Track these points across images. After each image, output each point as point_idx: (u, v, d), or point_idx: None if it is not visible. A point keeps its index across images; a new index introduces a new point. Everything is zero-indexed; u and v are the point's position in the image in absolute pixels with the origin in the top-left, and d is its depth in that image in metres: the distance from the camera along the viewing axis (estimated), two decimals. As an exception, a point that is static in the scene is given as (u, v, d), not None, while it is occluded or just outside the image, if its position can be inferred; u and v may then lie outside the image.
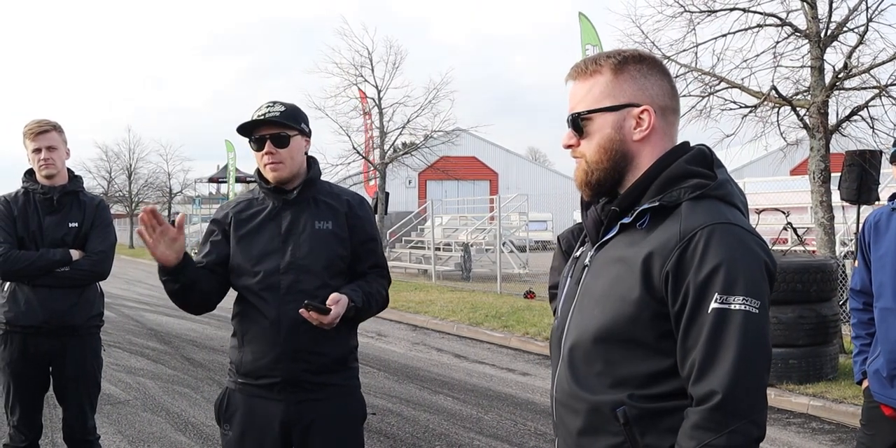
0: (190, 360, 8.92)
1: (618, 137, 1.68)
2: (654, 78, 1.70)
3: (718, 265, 1.51)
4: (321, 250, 2.71)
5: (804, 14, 8.66)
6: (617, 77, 1.69)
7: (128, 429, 5.97)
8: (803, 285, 6.84)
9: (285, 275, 2.67)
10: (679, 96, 1.76)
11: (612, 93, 1.68)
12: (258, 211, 2.78)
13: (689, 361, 1.54)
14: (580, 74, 1.73)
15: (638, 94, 1.68)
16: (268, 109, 2.71)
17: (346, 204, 2.83)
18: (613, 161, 1.69)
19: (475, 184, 40.57)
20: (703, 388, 1.50)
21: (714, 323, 1.51)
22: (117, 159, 41.64)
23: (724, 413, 1.48)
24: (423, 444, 5.66)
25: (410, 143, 21.61)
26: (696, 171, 1.65)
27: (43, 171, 3.85)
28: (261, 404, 2.70)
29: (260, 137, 2.71)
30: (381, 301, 2.85)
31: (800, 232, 11.12)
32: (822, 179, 8.60)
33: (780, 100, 8.73)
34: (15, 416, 3.88)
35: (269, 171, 2.72)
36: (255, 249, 2.72)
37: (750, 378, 1.50)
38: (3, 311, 3.84)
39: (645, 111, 1.67)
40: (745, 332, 1.50)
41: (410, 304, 13.39)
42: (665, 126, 1.70)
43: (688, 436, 1.51)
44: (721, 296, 1.51)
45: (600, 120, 1.69)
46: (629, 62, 1.69)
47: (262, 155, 2.71)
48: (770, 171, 15.36)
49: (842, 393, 6.55)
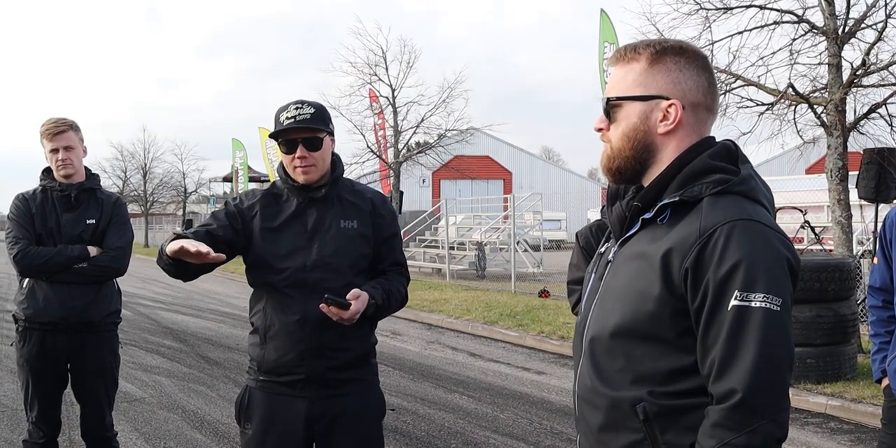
0: (205, 358, 8.95)
1: (643, 128, 1.66)
2: (690, 72, 1.66)
3: (738, 262, 1.49)
4: (347, 249, 2.71)
5: (821, 11, 8.58)
6: (652, 67, 1.66)
7: (144, 426, 6.00)
8: (821, 284, 6.79)
9: (312, 272, 2.66)
10: (716, 93, 1.71)
11: (644, 82, 1.66)
12: (283, 207, 2.76)
13: (709, 359, 1.52)
14: (619, 60, 1.72)
15: (670, 86, 1.65)
16: (297, 112, 2.65)
17: (369, 202, 2.82)
18: (635, 151, 1.68)
19: (489, 183, 40.59)
20: (723, 387, 1.48)
21: (734, 320, 1.49)
22: (132, 159, 41.87)
23: (745, 412, 1.46)
24: (438, 442, 5.66)
25: (424, 142, 21.61)
26: (719, 167, 1.62)
27: (61, 171, 3.88)
28: (283, 401, 2.70)
29: (291, 140, 2.67)
30: (400, 299, 2.85)
31: (817, 230, 11.05)
32: (840, 178, 8.53)
33: (796, 97, 8.66)
34: (34, 413, 3.90)
35: (301, 175, 2.69)
36: (281, 246, 2.70)
37: (771, 376, 1.48)
38: (21, 308, 3.87)
39: (672, 105, 1.65)
40: (766, 330, 1.48)
41: (425, 303, 13.39)
42: (695, 122, 1.67)
43: (708, 434, 1.49)
44: (741, 293, 1.49)
45: (628, 108, 1.68)
46: (667, 53, 1.67)
47: (294, 158, 2.67)
48: (786, 169, 15.27)
49: (860, 393, 6.49)
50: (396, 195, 18.13)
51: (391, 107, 19.22)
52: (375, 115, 19.19)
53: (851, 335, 7.05)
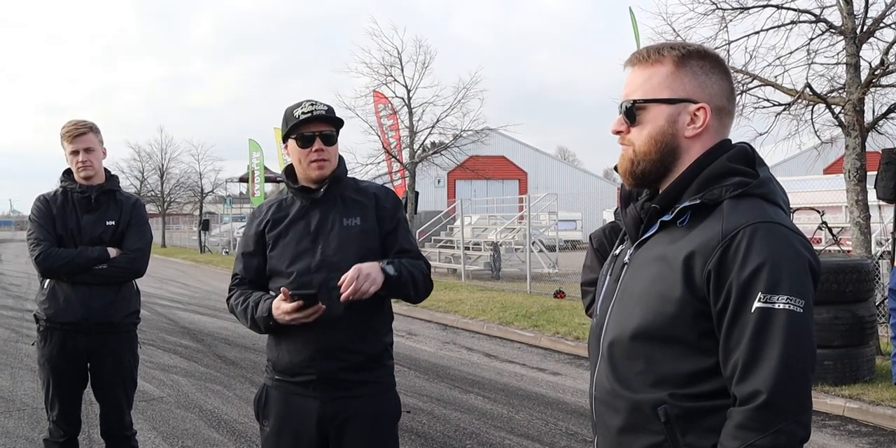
0: (222, 357, 9.01)
1: (670, 131, 1.66)
2: (715, 77, 1.67)
3: (762, 264, 1.50)
4: (350, 246, 2.71)
5: (839, 10, 8.53)
6: (678, 70, 1.66)
7: (162, 425, 6.05)
8: (839, 285, 6.74)
9: (317, 273, 2.68)
10: (735, 98, 1.72)
11: (672, 85, 1.66)
12: (287, 212, 2.79)
13: (732, 361, 1.52)
14: (640, 62, 1.70)
15: (697, 90, 1.65)
16: (313, 107, 2.70)
17: (372, 197, 2.83)
18: (661, 154, 1.67)
19: (504, 183, 40.53)
20: (748, 388, 1.49)
21: (758, 322, 1.50)
22: (149, 159, 42.10)
23: (769, 413, 1.47)
24: (454, 442, 5.67)
25: (440, 143, 21.61)
26: (738, 169, 1.63)
27: (81, 173, 3.92)
28: (297, 401, 2.72)
29: (310, 135, 2.70)
30: (419, 277, 2.78)
31: (835, 231, 10.97)
32: (858, 178, 8.47)
33: (814, 97, 8.61)
34: (54, 412, 3.94)
35: (315, 170, 2.71)
36: (288, 251, 2.73)
37: (795, 377, 1.49)
38: (43, 308, 3.91)
39: (701, 108, 1.65)
40: (790, 332, 1.48)
41: (440, 304, 13.40)
42: (718, 126, 1.68)
43: (731, 436, 1.49)
44: (765, 295, 1.49)
45: (655, 110, 1.67)
46: (692, 57, 1.67)
47: (310, 152, 2.70)
48: (804, 169, 15.17)
49: (879, 395, 6.44)
50: (412, 195, 18.12)
51: (406, 108, 19.23)
52: (388, 117, 19.21)
53: (869, 337, 6.99)
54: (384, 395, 2.80)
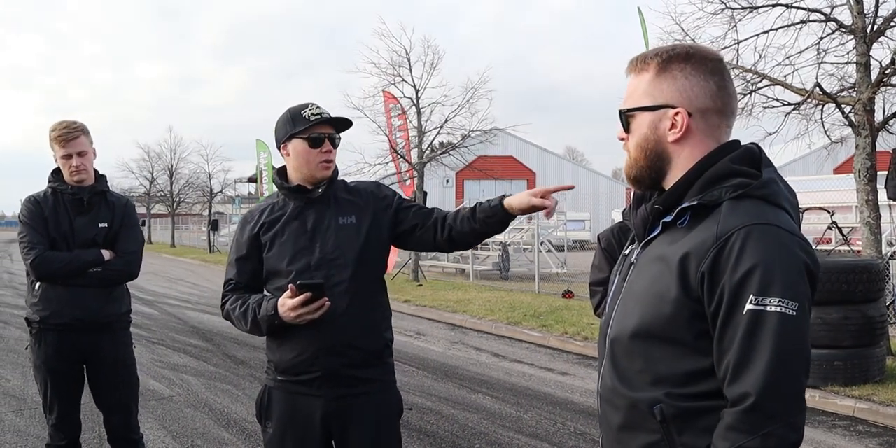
0: (231, 357, 9.04)
1: (653, 138, 1.69)
2: (696, 79, 1.66)
3: (754, 266, 1.50)
4: (348, 242, 2.74)
5: (849, 9, 8.49)
6: (658, 76, 1.68)
7: (171, 424, 6.08)
8: (848, 286, 6.71)
9: (317, 271, 2.70)
10: (729, 95, 1.70)
11: (652, 93, 1.68)
12: (281, 213, 2.81)
13: (724, 362, 1.53)
14: (632, 70, 1.74)
15: (675, 95, 1.66)
16: (320, 110, 2.76)
17: (367, 194, 2.87)
18: (649, 160, 1.71)
19: (512, 183, 40.50)
20: (738, 390, 1.49)
21: (748, 324, 1.50)
22: (159, 159, 42.27)
23: (758, 415, 1.47)
24: (462, 442, 5.67)
25: (448, 143, 21.61)
26: (741, 170, 1.62)
27: (75, 177, 3.85)
28: (301, 400, 2.73)
29: (318, 136, 2.74)
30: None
31: (845, 231, 10.93)
32: (868, 178, 8.43)
33: (824, 97, 8.57)
34: (53, 415, 3.88)
35: (322, 170, 2.76)
36: (287, 250, 2.75)
37: (785, 380, 1.48)
38: (35, 310, 3.84)
39: (678, 113, 1.66)
40: (781, 335, 1.48)
41: (449, 304, 13.41)
42: (706, 128, 1.68)
43: (722, 437, 1.50)
44: (756, 297, 1.49)
45: (640, 118, 1.71)
46: (673, 61, 1.67)
47: (320, 152, 2.74)
48: (813, 169, 15.11)
49: (889, 396, 6.42)
50: (420, 196, 18.14)
51: (415, 108, 19.24)
52: (396, 117, 19.23)
53: (880, 337, 6.97)
54: (386, 393, 2.83)
